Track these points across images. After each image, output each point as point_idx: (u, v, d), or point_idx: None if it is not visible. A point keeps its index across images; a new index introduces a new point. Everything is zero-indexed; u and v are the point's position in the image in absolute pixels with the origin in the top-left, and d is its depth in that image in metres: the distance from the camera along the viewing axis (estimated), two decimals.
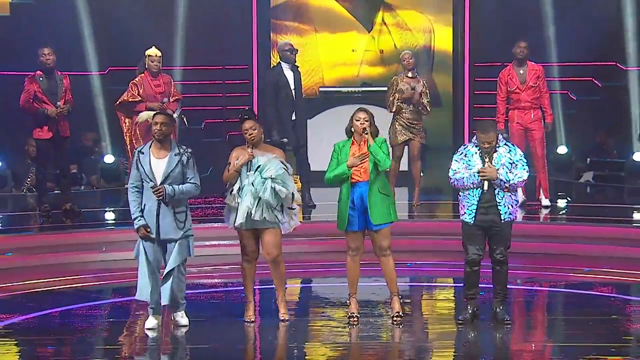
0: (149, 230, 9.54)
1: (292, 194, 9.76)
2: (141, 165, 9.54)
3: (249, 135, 9.73)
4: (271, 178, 9.64)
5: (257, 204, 9.64)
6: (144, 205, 9.60)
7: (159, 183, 9.50)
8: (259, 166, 9.68)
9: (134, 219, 9.58)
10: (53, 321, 10.38)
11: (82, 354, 9.24)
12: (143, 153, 9.59)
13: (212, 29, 16.87)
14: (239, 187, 9.73)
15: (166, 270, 9.65)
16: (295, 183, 10.10)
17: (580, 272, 12.18)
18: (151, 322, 9.80)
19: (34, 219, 14.08)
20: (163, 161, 9.55)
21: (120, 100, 13.75)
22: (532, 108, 13.81)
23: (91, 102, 15.74)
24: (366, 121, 9.72)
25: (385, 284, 10.01)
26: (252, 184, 9.65)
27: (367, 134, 9.62)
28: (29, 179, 15.50)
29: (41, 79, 13.54)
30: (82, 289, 11.64)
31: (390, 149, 10.52)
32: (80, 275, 12.07)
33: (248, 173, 9.71)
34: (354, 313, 9.95)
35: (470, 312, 9.93)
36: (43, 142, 13.63)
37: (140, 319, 10.05)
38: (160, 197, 9.48)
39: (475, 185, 9.62)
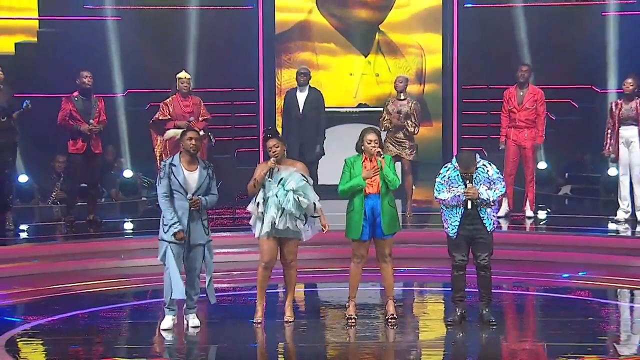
0: (185, 235, 9.58)
1: (314, 203, 9.80)
2: (175, 177, 9.55)
3: (273, 152, 9.74)
4: (293, 190, 9.67)
5: (281, 214, 9.67)
6: (175, 214, 9.60)
7: (192, 194, 9.55)
8: (281, 179, 9.72)
9: (172, 224, 9.53)
10: (77, 322, 10.37)
11: (105, 353, 9.24)
12: (175, 165, 9.57)
13: (221, 55, 16.90)
14: (263, 198, 9.76)
15: (209, 274, 9.70)
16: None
17: (559, 278, 12.20)
18: (167, 321, 9.81)
19: (59, 229, 14.09)
20: (195, 174, 9.61)
21: (153, 118, 13.81)
22: (527, 127, 13.84)
23: (112, 121, 15.74)
24: (376, 143, 9.75)
25: (382, 288, 10.05)
26: (276, 195, 9.68)
27: (381, 156, 9.65)
28: (54, 193, 15.51)
29: (77, 99, 13.58)
30: (104, 292, 11.64)
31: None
32: (101, 280, 12.07)
33: (272, 185, 9.72)
34: (352, 315, 9.97)
35: (458, 314, 9.95)
36: (75, 156, 13.67)
37: (157, 320, 10.04)
38: (197, 208, 9.52)
39: (459, 204, 9.66)
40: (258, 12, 17.05)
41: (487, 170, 9.71)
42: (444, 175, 9.73)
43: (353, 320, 9.95)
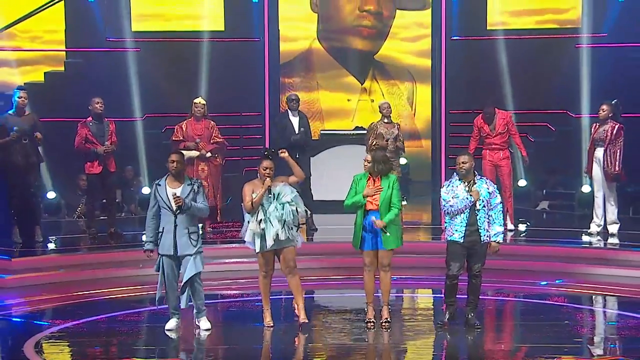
0: (151, 255, 9.76)
1: (305, 212, 9.82)
2: (159, 194, 9.62)
3: (268, 173, 9.68)
4: (288, 202, 9.66)
5: (283, 225, 9.66)
6: (162, 228, 9.66)
7: (174, 208, 9.55)
8: (276, 194, 9.69)
9: (145, 242, 9.77)
10: (99, 326, 10.34)
11: (125, 354, 9.25)
12: (160, 185, 9.68)
13: (230, 82, 16.92)
14: (265, 215, 9.69)
15: (184, 280, 9.68)
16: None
17: (538, 285, 12.18)
18: (171, 323, 9.88)
19: (83, 241, 14.07)
20: (177, 190, 9.63)
21: (171, 139, 13.84)
22: (501, 149, 13.85)
23: (131, 142, 15.77)
24: (368, 163, 9.71)
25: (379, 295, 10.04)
26: (276, 209, 9.65)
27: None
28: (79, 208, 15.51)
29: (91, 124, 13.57)
30: (123, 299, 11.62)
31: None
32: (121, 287, 12.04)
33: (268, 200, 9.68)
34: (370, 319, 9.92)
35: (448, 316, 9.96)
36: (93, 176, 13.66)
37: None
38: (179, 205, 9.50)
39: (467, 206, 9.63)
40: (264, 44, 17.09)
41: (486, 182, 9.74)
42: (448, 186, 9.73)
43: (372, 324, 9.88)
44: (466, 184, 9.69)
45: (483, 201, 9.67)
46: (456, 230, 9.72)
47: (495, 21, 17.25)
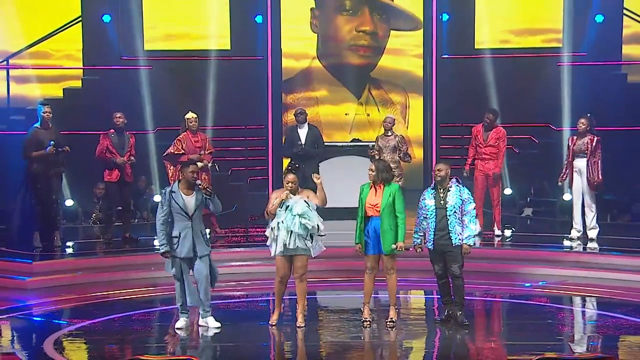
0: (168, 257, 9.75)
1: (317, 225, 9.81)
2: (175, 202, 9.64)
3: (290, 187, 9.77)
4: (298, 215, 9.70)
5: (290, 236, 9.70)
6: (179, 234, 9.68)
7: (191, 213, 9.62)
8: (288, 206, 9.74)
9: (161, 245, 9.75)
10: (114, 325, 10.36)
11: (138, 351, 9.20)
12: (174, 192, 9.69)
13: (236, 97, 16.93)
14: (277, 223, 9.78)
15: (202, 276, 9.71)
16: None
17: (522, 287, 12.18)
18: (181, 322, 9.91)
19: (99, 245, 14.07)
20: (192, 197, 9.70)
21: (167, 152, 13.76)
22: (491, 159, 13.88)
23: (143, 153, 15.77)
24: (372, 172, 9.75)
25: (383, 295, 10.08)
26: (286, 219, 9.71)
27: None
28: (94, 214, 15.51)
29: (112, 135, 13.60)
30: (136, 299, 11.62)
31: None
32: (134, 289, 12.04)
33: (281, 212, 9.75)
34: (366, 318, 9.94)
35: (445, 314, 10.01)
36: (111, 184, 13.67)
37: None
38: (209, 195, 9.65)
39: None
40: (267, 62, 17.10)
41: (460, 190, 9.77)
42: (420, 202, 9.84)
43: (368, 322, 9.91)
44: (441, 190, 9.74)
45: (454, 207, 9.71)
46: (428, 237, 9.82)
47: (482, 41, 17.28)
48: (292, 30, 17.97)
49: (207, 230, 10.22)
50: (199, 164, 13.45)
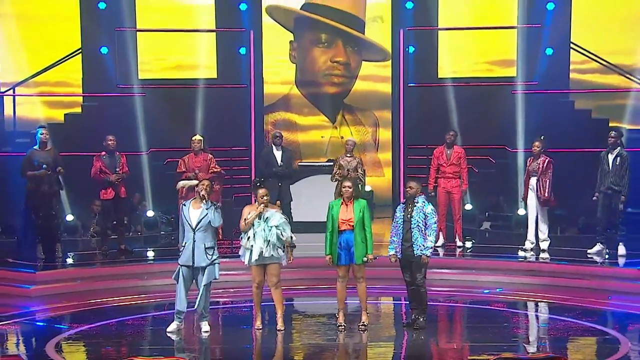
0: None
1: (291, 237, 9.81)
2: (183, 214, 9.72)
3: (264, 199, 9.77)
4: (275, 226, 9.71)
5: (267, 245, 9.69)
6: (185, 243, 9.73)
7: (194, 226, 9.60)
8: (266, 217, 9.74)
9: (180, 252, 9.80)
10: (110, 329, 10.33)
11: (130, 353, 9.18)
12: (185, 205, 9.78)
13: (222, 121, 16.86)
14: (253, 233, 9.75)
15: (203, 284, 9.68)
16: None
17: (481, 293, 12.23)
18: (173, 326, 9.84)
19: (97, 256, 14.00)
20: (197, 211, 9.70)
21: (177, 171, 13.83)
22: (453, 178, 13.92)
23: (137, 172, 15.71)
24: (350, 188, 9.75)
25: (354, 302, 10.08)
26: (263, 230, 9.70)
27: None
28: (92, 228, 15.43)
29: (104, 157, 13.59)
30: (131, 306, 11.58)
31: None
32: (129, 296, 12.00)
33: (258, 222, 9.74)
34: (341, 323, 9.94)
35: (412, 318, 10.02)
36: (106, 201, 13.64)
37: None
38: (207, 192, 9.63)
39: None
40: (250, 89, 17.08)
41: (425, 205, 9.82)
42: (394, 219, 9.87)
43: (342, 327, 9.92)
44: (410, 205, 9.79)
45: (417, 221, 9.76)
46: (396, 249, 9.86)
47: (444, 71, 17.37)
48: (272, 60, 17.99)
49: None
50: (194, 182, 13.44)
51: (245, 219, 9.76)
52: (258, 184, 9.88)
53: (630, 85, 16.79)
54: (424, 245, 9.78)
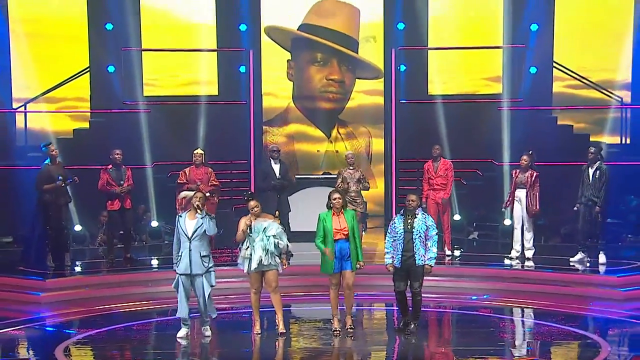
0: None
1: (287, 245, 9.86)
2: (179, 224, 9.72)
3: (255, 210, 9.82)
4: (273, 235, 9.75)
5: (266, 253, 9.74)
6: (181, 252, 9.71)
7: (189, 236, 9.61)
8: (264, 228, 9.79)
9: (174, 263, 9.76)
10: (117, 333, 10.32)
11: (136, 356, 9.23)
12: (181, 217, 9.78)
13: (223, 136, 16.91)
14: (250, 243, 9.80)
15: (206, 295, 9.72)
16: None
17: (469, 299, 12.25)
18: (182, 332, 9.84)
19: (103, 265, 14.02)
20: (192, 222, 9.71)
21: (178, 182, 13.85)
22: (442, 189, 13.99)
23: (142, 185, 15.73)
24: (340, 200, 9.80)
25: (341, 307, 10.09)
26: (262, 240, 9.75)
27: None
28: (99, 238, 15.45)
29: (111, 170, 13.64)
30: (136, 311, 11.59)
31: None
32: (134, 302, 12.01)
33: (255, 234, 9.76)
34: (336, 328, 9.95)
35: (403, 323, 10.03)
36: (113, 212, 13.68)
37: (175, 332, 10.02)
38: (199, 204, 9.64)
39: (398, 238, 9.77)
40: (250, 105, 17.14)
41: (425, 217, 9.85)
42: (390, 227, 9.88)
43: (338, 332, 9.92)
44: (409, 217, 9.81)
45: (419, 232, 9.78)
46: (395, 256, 9.85)
47: (434, 88, 17.44)
48: (271, 78, 18.05)
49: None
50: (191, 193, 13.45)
51: (242, 230, 9.83)
52: (247, 197, 9.95)
53: (609, 101, 16.89)
54: (425, 256, 9.80)
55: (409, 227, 9.81)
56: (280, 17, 17.81)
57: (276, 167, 14.06)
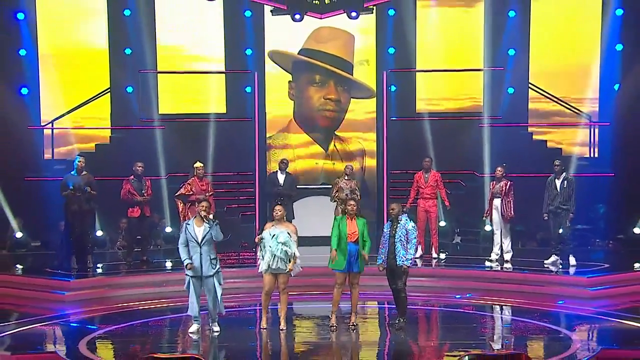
0: (193, 266, 9.68)
1: (294, 253, 9.92)
2: (188, 231, 9.74)
3: (277, 215, 9.95)
4: (282, 243, 9.83)
5: (274, 258, 9.83)
6: (191, 257, 9.74)
7: (200, 241, 9.67)
8: (274, 235, 9.87)
9: (184, 260, 9.77)
10: (135, 329, 10.39)
11: (154, 349, 9.26)
12: (189, 224, 9.81)
13: (230, 149, 16.93)
14: (264, 248, 9.94)
15: (218, 293, 9.79)
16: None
17: (454, 298, 12.30)
18: (193, 328, 9.88)
19: (123, 266, 14.06)
20: (200, 229, 9.76)
21: (178, 192, 13.87)
22: (431, 198, 14.07)
23: (157, 194, 15.76)
24: (355, 206, 9.89)
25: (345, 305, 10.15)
26: (271, 246, 9.84)
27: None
28: (118, 242, 15.50)
29: (133, 180, 13.71)
30: (152, 309, 11.63)
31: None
32: (151, 301, 12.03)
33: (268, 239, 9.89)
34: (333, 324, 10.01)
35: (397, 320, 10.06)
36: (133, 219, 13.75)
37: (188, 327, 10.07)
38: (207, 220, 9.67)
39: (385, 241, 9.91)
40: (255, 122, 17.18)
41: (406, 222, 9.93)
42: (383, 233, 9.97)
43: (334, 327, 9.98)
44: (394, 222, 9.90)
45: (400, 236, 9.87)
46: (382, 259, 9.92)
47: (422, 106, 17.51)
48: (274, 97, 18.09)
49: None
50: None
51: (257, 237, 10.00)
52: (278, 202, 10.09)
53: (579, 118, 17.00)
54: (405, 257, 9.88)
55: (393, 232, 9.91)
56: (282, 42, 17.89)
57: (281, 177, 14.17)
